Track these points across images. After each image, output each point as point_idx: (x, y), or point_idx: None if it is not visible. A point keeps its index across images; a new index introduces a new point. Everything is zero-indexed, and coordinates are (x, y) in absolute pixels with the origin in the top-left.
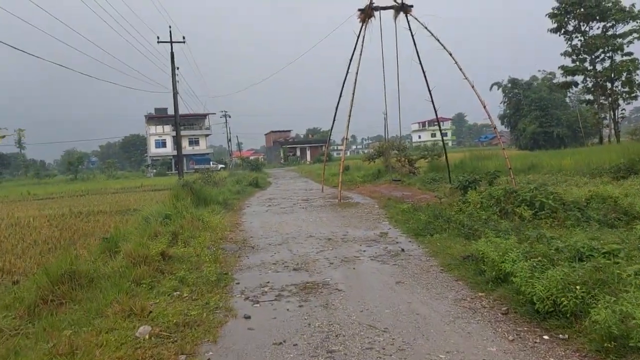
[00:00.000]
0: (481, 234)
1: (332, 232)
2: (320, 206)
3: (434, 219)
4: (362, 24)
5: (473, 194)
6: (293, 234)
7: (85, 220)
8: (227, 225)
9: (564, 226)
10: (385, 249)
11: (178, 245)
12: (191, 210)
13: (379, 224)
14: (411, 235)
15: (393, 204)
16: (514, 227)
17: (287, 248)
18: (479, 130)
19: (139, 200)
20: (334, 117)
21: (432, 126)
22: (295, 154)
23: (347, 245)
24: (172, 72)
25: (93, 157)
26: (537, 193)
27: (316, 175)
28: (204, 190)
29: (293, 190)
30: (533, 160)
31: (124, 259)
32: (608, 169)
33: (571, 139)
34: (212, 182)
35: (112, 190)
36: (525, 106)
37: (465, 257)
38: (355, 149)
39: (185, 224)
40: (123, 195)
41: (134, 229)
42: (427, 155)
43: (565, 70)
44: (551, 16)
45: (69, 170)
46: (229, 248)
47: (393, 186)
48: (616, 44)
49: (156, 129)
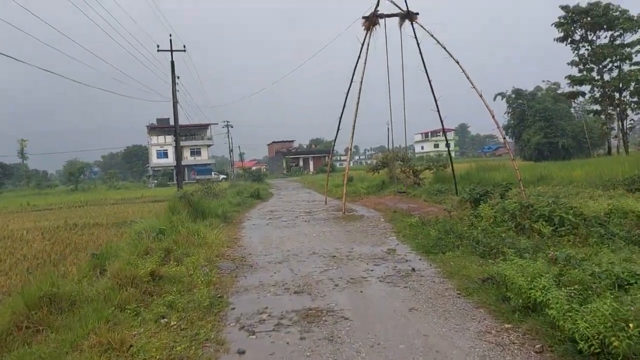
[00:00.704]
0: (498, 252)
1: (337, 248)
2: (324, 219)
3: (445, 235)
4: (367, 32)
5: (485, 207)
6: (295, 250)
7: (79, 233)
8: (224, 241)
9: (587, 244)
10: (395, 269)
11: (170, 264)
12: (187, 224)
13: (386, 240)
14: (421, 253)
15: (399, 217)
16: (534, 245)
17: (288, 267)
18: (482, 140)
19: (138, 211)
20: (338, 126)
21: (435, 137)
22: (298, 165)
23: (353, 263)
24: (172, 81)
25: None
26: (556, 207)
27: (319, 186)
28: (202, 203)
29: (295, 202)
30: (542, 171)
31: (110, 280)
32: (621, 180)
33: (576, 149)
34: (212, 193)
35: (111, 201)
36: (530, 117)
37: (484, 280)
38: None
39: (180, 240)
40: (122, 206)
41: (125, 245)
42: (432, 166)
43: (572, 79)
44: (557, 25)
45: (70, 181)
46: (225, 267)
47: (398, 198)
48: (624, 53)
49: (158, 139)
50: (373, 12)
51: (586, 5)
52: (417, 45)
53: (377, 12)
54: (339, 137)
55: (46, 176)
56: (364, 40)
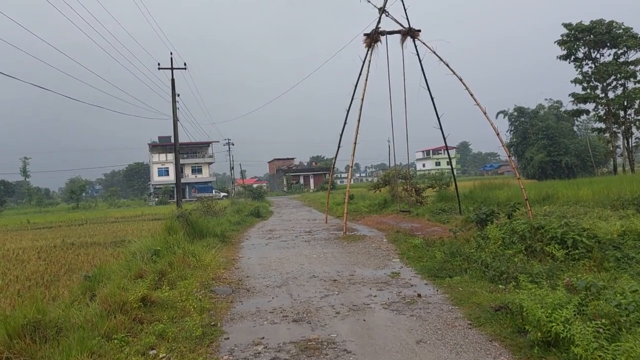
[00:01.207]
0: (509, 277)
1: (338, 271)
2: (324, 239)
3: (451, 257)
4: (368, 49)
5: (493, 228)
6: (294, 273)
7: (76, 252)
8: (222, 262)
9: (603, 268)
10: (399, 294)
11: (163, 288)
12: (183, 244)
13: (390, 262)
14: (427, 277)
15: (403, 238)
16: (547, 270)
17: (287, 291)
18: (483, 159)
19: (137, 230)
20: (339, 143)
21: (436, 154)
22: (298, 182)
23: (355, 288)
24: (172, 98)
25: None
26: (568, 229)
27: (320, 204)
28: (200, 222)
29: (296, 221)
30: (547, 190)
31: (99, 306)
32: (631, 200)
33: (580, 168)
34: (211, 211)
35: (111, 219)
36: (532, 135)
37: (497, 309)
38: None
39: (176, 261)
40: (121, 224)
41: (118, 268)
42: (435, 184)
43: (576, 97)
44: (560, 43)
45: (72, 199)
46: (221, 291)
47: (401, 217)
48: (629, 71)
49: (159, 157)
50: (374, 29)
51: (589, 23)
52: (419, 62)
53: (379, 29)
54: (340, 155)
55: (48, 194)
56: (365, 57)
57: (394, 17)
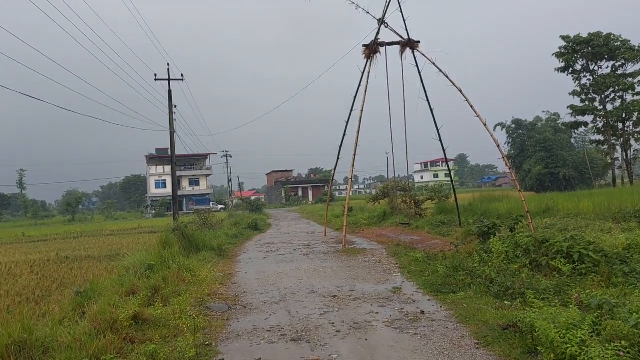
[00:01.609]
0: (516, 293)
1: (338, 286)
2: (324, 253)
3: (454, 272)
4: (367, 60)
5: (496, 242)
6: (293, 288)
7: (70, 266)
8: (218, 277)
9: (612, 283)
10: (402, 311)
11: (157, 305)
12: (179, 259)
13: (391, 276)
14: (429, 292)
15: (403, 251)
16: (555, 286)
17: (285, 308)
18: (481, 171)
19: (132, 243)
20: (338, 155)
21: (434, 167)
22: (297, 194)
23: (356, 304)
24: (169, 110)
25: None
26: (574, 243)
27: (318, 216)
28: (196, 235)
29: (294, 233)
30: (547, 202)
31: (89, 324)
32: (632, 212)
33: (578, 180)
34: (208, 224)
35: (107, 232)
36: (530, 147)
37: (505, 327)
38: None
39: (170, 276)
40: (117, 237)
41: (110, 283)
42: (434, 196)
43: (574, 109)
44: (558, 55)
45: (68, 211)
46: (217, 308)
47: (400, 229)
48: (627, 83)
49: (156, 169)
50: (373, 40)
51: (587, 36)
52: (418, 73)
53: (378, 40)
54: (338, 167)
55: (45, 206)
56: (364, 68)
57: (393, 28)
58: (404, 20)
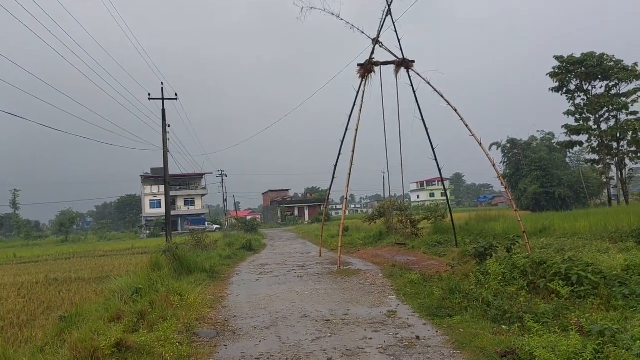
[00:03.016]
0: (513, 317)
1: (331, 310)
2: (318, 274)
3: (450, 294)
4: (362, 80)
5: (493, 263)
6: (284, 312)
7: (58, 289)
8: (208, 300)
9: (612, 306)
10: (396, 336)
11: (142, 330)
12: (168, 281)
13: (386, 299)
14: (425, 315)
15: (399, 272)
16: (553, 310)
17: (276, 333)
18: (477, 190)
19: (124, 264)
20: (333, 175)
21: (430, 186)
22: (293, 214)
23: (349, 329)
24: (162, 129)
25: (89, 217)
26: (572, 264)
27: (314, 236)
28: (188, 257)
29: (289, 254)
30: (544, 222)
31: (69, 352)
32: (629, 232)
33: (573, 199)
34: (202, 245)
35: (100, 252)
36: (526, 166)
37: (503, 355)
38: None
39: (158, 300)
40: (109, 258)
41: (95, 308)
42: (430, 215)
43: (569, 129)
44: (552, 75)
45: (61, 232)
46: (205, 333)
47: (396, 250)
48: (620, 103)
49: (151, 189)
50: (368, 60)
51: (580, 56)
52: (413, 93)
53: (373, 59)
54: (334, 186)
55: (38, 226)
56: (359, 87)
57: (387, 47)
58: (398, 39)
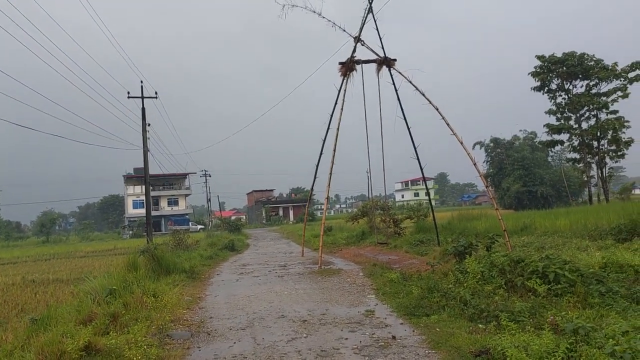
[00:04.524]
0: (490, 315)
1: (309, 310)
2: (298, 274)
3: (429, 293)
4: (344, 78)
5: (471, 262)
6: (262, 312)
7: (35, 290)
8: (185, 301)
9: (588, 304)
10: (372, 336)
11: (113, 333)
12: (144, 282)
13: (364, 298)
14: (403, 315)
15: (379, 272)
16: (530, 308)
17: (252, 334)
18: (461, 189)
19: (105, 265)
20: (315, 175)
21: (414, 185)
22: (277, 214)
23: (326, 329)
24: (142, 128)
25: (71, 218)
26: (550, 262)
27: (298, 236)
28: (167, 257)
29: (271, 254)
30: (525, 220)
31: (35, 356)
32: (608, 230)
33: (555, 198)
34: (183, 245)
35: (81, 253)
36: (508, 165)
37: (477, 354)
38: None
39: (132, 302)
40: (90, 259)
41: (67, 310)
42: (413, 215)
43: (550, 128)
44: (534, 74)
45: (42, 232)
46: (178, 335)
47: (378, 249)
48: (601, 102)
49: (134, 189)
50: (350, 58)
51: (561, 55)
52: (395, 91)
53: (354, 57)
54: (320, 186)
55: (19, 227)
56: (340, 86)
57: (369, 46)
58: (380, 38)
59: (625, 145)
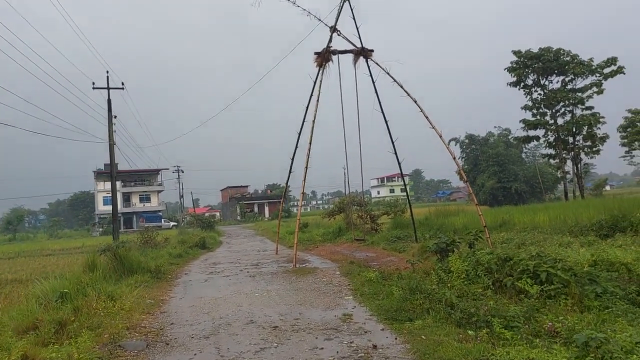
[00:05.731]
0: (480, 320)
1: (281, 314)
2: (272, 274)
3: (411, 294)
4: (319, 69)
5: (456, 260)
6: (229, 317)
7: None
8: (146, 305)
9: (585, 307)
10: (351, 345)
11: (58, 342)
12: (101, 284)
13: (341, 300)
14: (383, 319)
15: (357, 270)
16: (524, 312)
17: (215, 344)
18: (436, 185)
19: (70, 264)
20: (290, 169)
21: (390, 181)
22: (253, 210)
23: (299, 337)
24: (109, 121)
25: (41, 214)
26: (541, 261)
27: (273, 233)
28: (130, 256)
29: (244, 252)
30: (503, 216)
31: None
32: (589, 226)
33: (529, 194)
34: (151, 243)
35: (47, 251)
36: (483, 162)
37: None
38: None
39: (85, 306)
40: (56, 258)
41: (10, 317)
42: (390, 211)
43: (526, 123)
44: (510, 70)
45: (8, 230)
46: (132, 346)
47: (355, 246)
48: (576, 98)
49: (104, 185)
50: (326, 48)
51: (537, 51)
52: (372, 83)
53: (330, 47)
54: (295, 182)
55: None
56: (316, 77)
57: (346, 36)
58: (357, 28)
59: (600, 141)
